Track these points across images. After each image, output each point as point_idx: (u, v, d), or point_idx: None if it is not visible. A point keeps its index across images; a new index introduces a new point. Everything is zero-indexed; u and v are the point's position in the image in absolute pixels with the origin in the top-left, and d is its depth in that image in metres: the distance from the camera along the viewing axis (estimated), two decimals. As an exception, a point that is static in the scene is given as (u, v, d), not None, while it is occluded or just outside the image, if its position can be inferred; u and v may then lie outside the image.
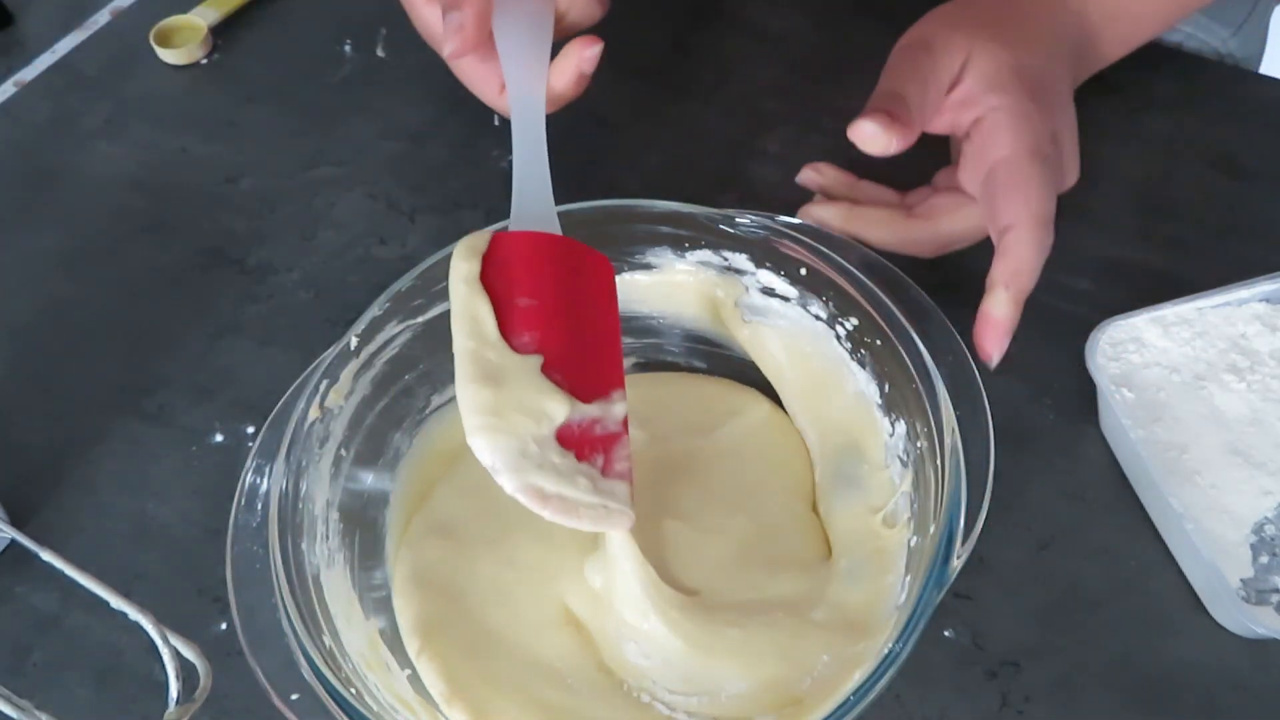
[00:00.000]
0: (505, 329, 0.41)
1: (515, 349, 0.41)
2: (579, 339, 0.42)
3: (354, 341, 0.45)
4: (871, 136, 0.47)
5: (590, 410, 0.41)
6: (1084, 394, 0.51)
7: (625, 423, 0.42)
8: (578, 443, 0.41)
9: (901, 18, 0.52)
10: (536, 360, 0.41)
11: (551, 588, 0.46)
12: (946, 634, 0.47)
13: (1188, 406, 0.50)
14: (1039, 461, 0.51)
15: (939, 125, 0.51)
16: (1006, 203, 0.47)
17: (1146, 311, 0.51)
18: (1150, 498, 0.49)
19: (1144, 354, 0.51)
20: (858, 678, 0.37)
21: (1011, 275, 0.46)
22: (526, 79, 0.47)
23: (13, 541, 0.49)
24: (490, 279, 0.41)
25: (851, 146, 0.48)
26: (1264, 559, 0.46)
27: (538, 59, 0.48)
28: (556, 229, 0.44)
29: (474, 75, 0.51)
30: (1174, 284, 0.53)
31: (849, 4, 0.68)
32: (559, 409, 0.40)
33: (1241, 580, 0.46)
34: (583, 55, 0.48)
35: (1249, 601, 0.46)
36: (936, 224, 0.52)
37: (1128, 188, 0.57)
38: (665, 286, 0.50)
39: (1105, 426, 0.51)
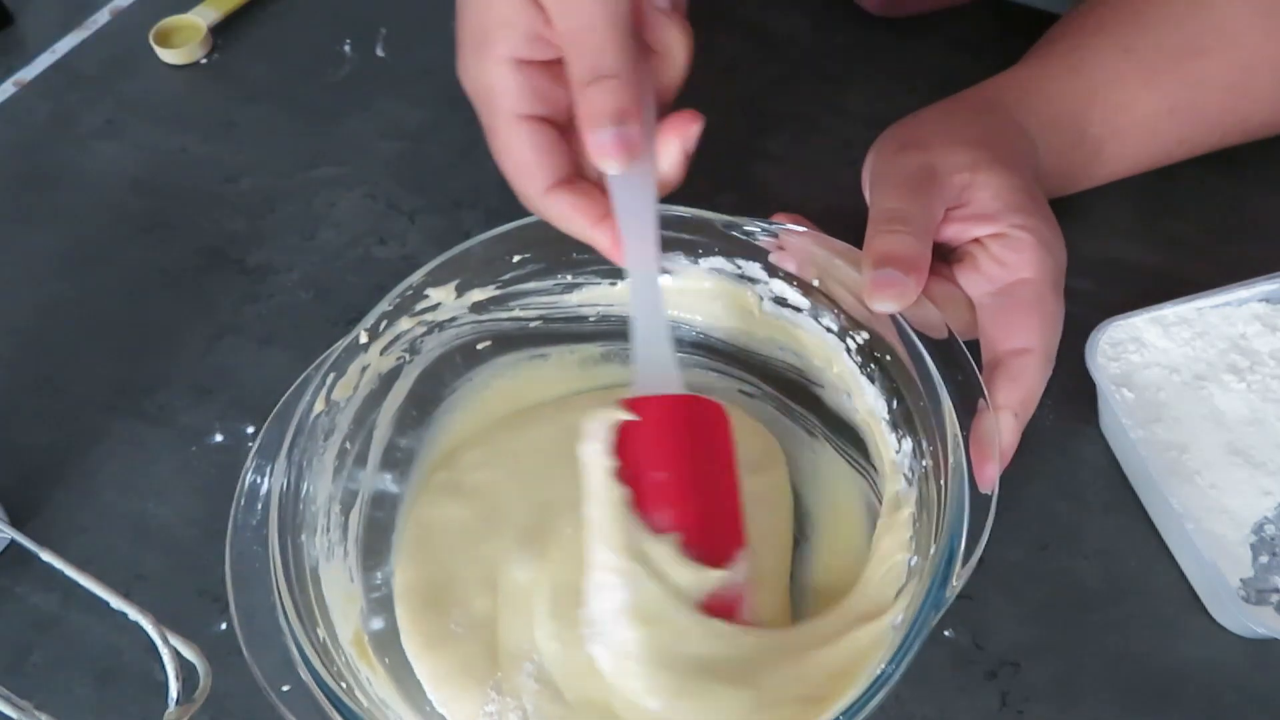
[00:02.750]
0: (643, 507, 0.41)
1: (654, 528, 0.41)
2: (711, 506, 0.42)
3: (363, 336, 0.45)
4: (887, 305, 0.44)
5: (726, 577, 0.41)
6: (1084, 394, 0.51)
7: (745, 586, 0.42)
8: (715, 610, 0.41)
9: (900, 18, 0.52)
10: (675, 539, 0.41)
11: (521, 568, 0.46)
12: (946, 634, 0.47)
13: (1188, 406, 0.50)
14: (1039, 461, 0.51)
15: (940, 236, 0.48)
16: (1024, 325, 0.45)
17: (1146, 311, 0.51)
18: (1150, 498, 0.49)
19: (1144, 354, 0.51)
20: (850, 697, 0.36)
21: (1021, 403, 0.44)
22: (642, 234, 0.43)
23: (13, 541, 0.49)
24: (622, 451, 0.41)
25: (850, 147, 0.47)
26: (1264, 559, 0.46)
27: (650, 213, 0.44)
28: (680, 388, 0.43)
29: (567, 212, 0.45)
30: (1174, 284, 0.53)
31: (849, 4, 0.68)
32: (701, 585, 0.40)
33: (1241, 580, 0.46)
34: (686, 135, 0.44)
35: (1249, 601, 0.46)
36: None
37: (1128, 188, 0.57)
38: (680, 292, 0.50)
39: (1105, 426, 0.51)
